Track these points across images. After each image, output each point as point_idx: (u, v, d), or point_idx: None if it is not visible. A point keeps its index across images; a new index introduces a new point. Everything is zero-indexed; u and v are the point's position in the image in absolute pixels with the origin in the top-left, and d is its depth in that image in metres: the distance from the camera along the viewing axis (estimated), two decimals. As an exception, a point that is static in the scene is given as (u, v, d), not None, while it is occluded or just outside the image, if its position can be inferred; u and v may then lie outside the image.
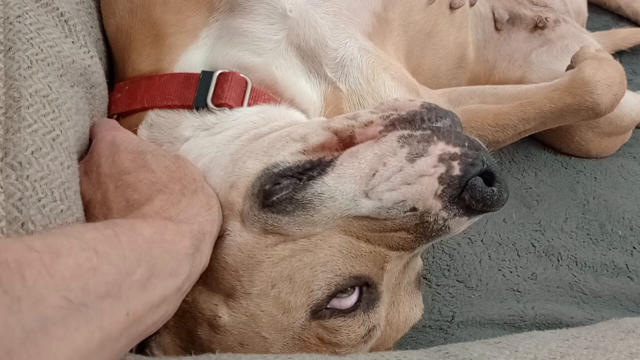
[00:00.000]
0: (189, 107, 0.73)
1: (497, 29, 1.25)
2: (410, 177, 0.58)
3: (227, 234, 0.62)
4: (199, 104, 0.72)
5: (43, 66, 0.58)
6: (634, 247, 1.07)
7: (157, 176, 0.60)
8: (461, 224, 0.61)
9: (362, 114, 0.64)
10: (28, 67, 0.56)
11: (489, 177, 0.59)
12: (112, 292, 0.44)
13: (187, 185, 0.60)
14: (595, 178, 1.20)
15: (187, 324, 0.62)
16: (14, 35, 0.57)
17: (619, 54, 1.45)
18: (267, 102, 0.74)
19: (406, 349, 0.69)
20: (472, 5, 1.16)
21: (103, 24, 0.80)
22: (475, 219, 0.62)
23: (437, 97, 0.96)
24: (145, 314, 0.48)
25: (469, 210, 0.60)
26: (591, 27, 1.44)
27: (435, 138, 0.59)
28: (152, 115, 0.73)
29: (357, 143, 0.62)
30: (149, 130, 0.73)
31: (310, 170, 0.62)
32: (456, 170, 0.58)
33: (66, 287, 0.40)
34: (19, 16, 0.59)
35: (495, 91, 0.99)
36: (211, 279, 0.61)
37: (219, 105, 0.72)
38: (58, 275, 0.40)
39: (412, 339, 0.89)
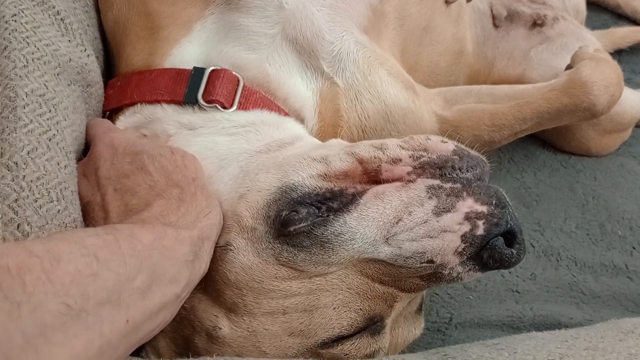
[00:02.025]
0: (178, 102, 0.72)
1: (495, 26, 1.24)
2: (434, 231, 0.57)
3: (230, 249, 0.60)
4: (189, 100, 0.71)
5: (39, 65, 0.58)
6: (634, 247, 1.07)
7: (155, 179, 0.60)
8: (473, 276, 0.60)
9: (390, 146, 0.62)
10: (24, 66, 0.56)
11: (510, 236, 0.59)
12: (112, 298, 0.44)
13: (185, 189, 0.59)
14: (595, 178, 1.20)
15: (185, 331, 0.61)
16: (9, 34, 0.57)
17: (618, 53, 1.45)
18: (259, 101, 0.73)
19: (404, 351, 0.69)
20: (469, 0, 1.16)
21: (99, 22, 0.80)
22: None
23: (434, 96, 0.95)
24: (144, 321, 0.48)
25: (485, 266, 0.59)
26: (590, 26, 1.44)
27: (464, 194, 0.58)
28: (139, 107, 0.72)
29: (383, 180, 0.61)
30: (134, 116, 0.72)
31: (330, 200, 0.60)
32: (480, 230, 0.58)
33: (66, 293, 0.40)
34: (15, 15, 0.58)
35: (492, 91, 0.99)
36: (212, 289, 0.60)
37: (209, 101, 0.71)
38: (58, 281, 0.40)
39: (410, 340, 0.89)
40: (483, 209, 0.58)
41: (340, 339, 0.61)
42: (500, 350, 0.58)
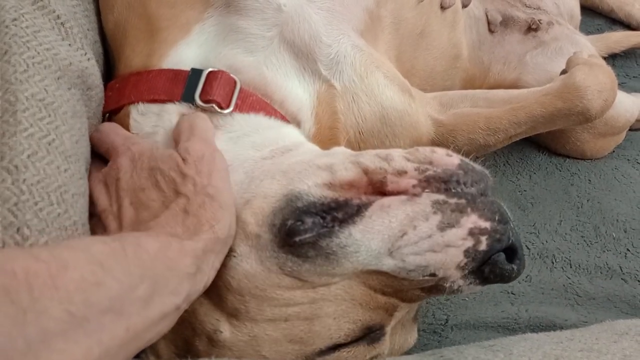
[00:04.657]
0: (175, 102, 0.72)
1: (490, 31, 1.25)
2: (438, 245, 0.57)
3: (234, 256, 0.60)
4: (186, 99, 0.71)
5: (39, 69, 0.58)
6: (628, 250, 1.08)
7: (166, 195, 0.60)
8: (474, 290, 0.61)
9: (395, 157, 0.62)
10: (24, 70, 0.56)
11: (510, 252, 0.60)
12: (114, 307, 0.44)
13: (192, 200, 0.58)
14: (590, 180, 1.21)
15: (185, 333, 0.62)
16: (9, 38, 0.57)
17: (612, 57, 1.46)
18: (256, 103, 0.74)
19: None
20: (465, 6, 1.17)
21: (100, 26, 0.80)
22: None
23: (429, 100, 0.96)
24: (144, 330, 0.48)
25: (485, 280, 0.60)
26: (584, 30, 1.45)
27: (469, 209, 0.59)
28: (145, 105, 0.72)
29: (388, 192, 0.60)
30: (140, 117, 0.72)
31: (335, 210, 0.60)
32: (483, 246, 0.58)
33: (69, 300, 0.40)
34: (15, 19, 0.58)
35: (487, 95, 0.99)
36: (214, 294, 0.60)
37: (206, 101, 0.70)
38: (63, 287, 0.40)
39: (406, 342, 0.89)
40: (486, 225, 0.58)
41: (337, 347, 0.61)
42: (496, 351, 0.58)
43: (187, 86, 0.72)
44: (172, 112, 0.71)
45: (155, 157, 0.63)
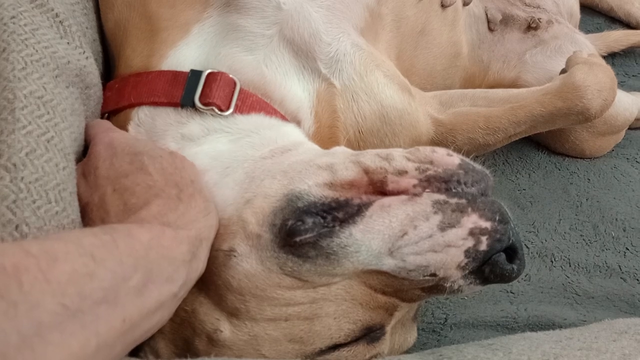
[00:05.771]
0: (175, 105, 0.71)
1: (490, 29, 1.25)
2: (438, 245, 0.57)
3: (234, 255, 0.60)
4: (186, 103, 0.71)
5: (38, 67, 0.58)
6: (627, 249, 1.08)
7: (154, 179, 0.59)
8: (474, 289, 0.61)
9: (396, 156, 0.62)
10: (22, 68, 0.56)
11: (511, 251, 0.60)
12: (109, 297, 0.44)
13: (184, 190, 0.59)
14: (589, 179, 1.21)
15: (185, 333, 0.62)
16: (8, 36, 0.57)
17: (611, 56, 1.46)
18: (256, 104, 0.73)
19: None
20: (465, 4, 1.17)
21: (99, 25, 0.80)
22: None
23: (429, 99, 0.96)
24: (141, 319, 0.48)
25: (486, 280, 0.60)
26: (584, 29, 1.45)
27: (469, 209, 0.58)
28: (145, 112, 0.72)
29: (389, 192, 0.60)
30: (137, 129, 0.72)
31: (336, 210, 0.60)
32: (483, 246, 0.58)
33: (62, 292, 0.40)
34: (14, 17, 0.58)
35: (487, 95, 0.99)
36: (214, 293, 0.60)
37: (206, 104, 0.70)
38: (54, 280, 0.40)
39: (405, 340, 0.89)
40: (487, 225, 0.58)
41: (337, 346, 0.61)
42: (495, 350, 0.58)
43: (187, 89, 0.71)
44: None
45: (144, 144, 0.64)
